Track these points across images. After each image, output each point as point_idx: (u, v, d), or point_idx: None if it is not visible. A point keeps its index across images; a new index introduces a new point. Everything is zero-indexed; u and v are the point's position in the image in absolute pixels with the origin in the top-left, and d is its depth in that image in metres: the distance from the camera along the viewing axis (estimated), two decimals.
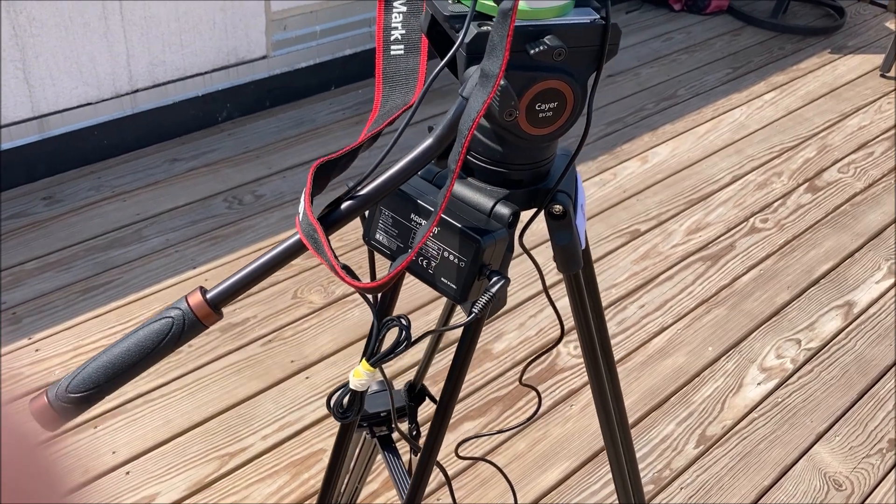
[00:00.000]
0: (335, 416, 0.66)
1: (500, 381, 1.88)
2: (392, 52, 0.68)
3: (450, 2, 0.60)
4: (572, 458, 1.73)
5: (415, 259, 0.63)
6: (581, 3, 0.60)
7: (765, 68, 3.41)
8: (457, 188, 0.66)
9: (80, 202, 2.33)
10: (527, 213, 0.69)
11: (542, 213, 0.67)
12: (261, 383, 1.85)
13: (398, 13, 0.65)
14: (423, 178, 0.66)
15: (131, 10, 2.33)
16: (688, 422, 1.84)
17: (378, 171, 0.58)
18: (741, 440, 1.81)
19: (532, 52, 0.56)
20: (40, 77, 2.25)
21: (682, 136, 2.90)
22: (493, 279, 0.60)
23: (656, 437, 1.80)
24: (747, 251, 2.37)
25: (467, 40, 0.56)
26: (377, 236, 0.65)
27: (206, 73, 2.59)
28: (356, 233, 1.56)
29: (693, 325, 2.10)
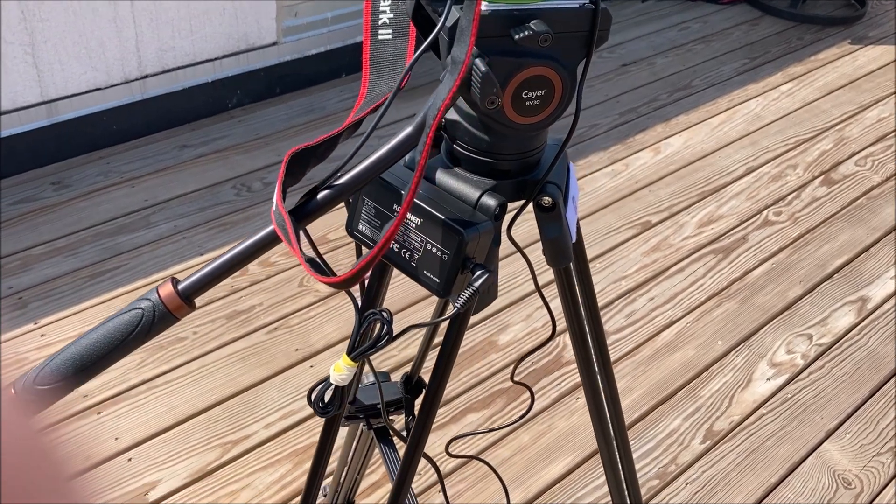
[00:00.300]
0: (316, 411, 0.64)
1: (504, 372, 1.87)
2: (380, 37, 0.66)
3: None
4: (577, 452, 1.71)
5: (397, 251, 0.62)
6: None
7: (782, 59, 3.35)
8: (442, 178, 0.64)
9: (89, 187, 2.33)
10: (515, 205, 0.67)
11: (531, 204, 0.65)
12: (265, 371, 1.84)
13: None
14: (408, 168, 0.64)
15: None
16: (695, 416, 1.81)
17: (356, 160, 0.57)
18: (749, 436, 1.78)
19: (517, 37, 0.54)
20: (49, 62, 2.25)
21: (695, 126, 2.86)
22: (477, 273, 0.58)
23: (662, 432, 1.78)
24: (760, 244, 2.34)
25: (449, 23, 0.54)
26: (360, 227, 0.63)
27: (216, 59, 2.58)
28: None
29: (703, 319, 2.07)
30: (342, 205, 0.60)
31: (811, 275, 2.24)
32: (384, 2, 0.65)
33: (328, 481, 1.54)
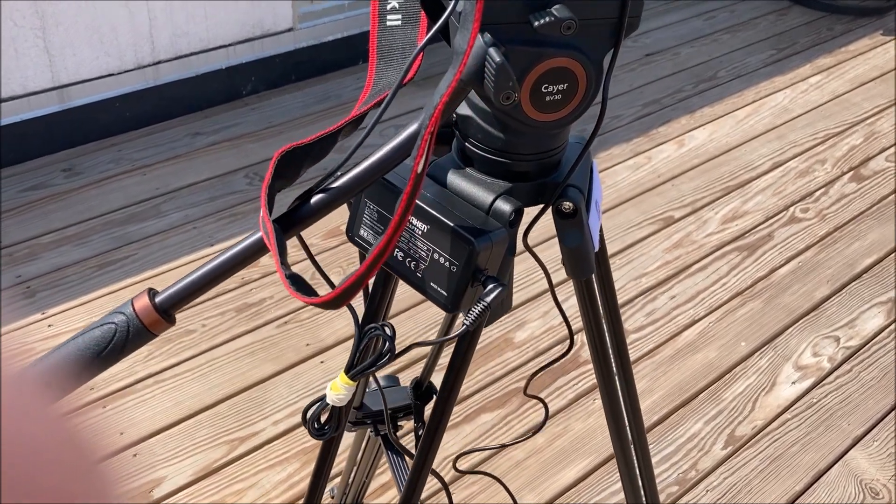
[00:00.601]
0: (311, 433, 0.59)
1: (520, 371, 1.81)
2: (388, 23, 0.60)
3: None
4: (593, 455, 1.66)
5: (401, 260, 0.56)
6: None
7: (811, 50, 3.26)
8: (452, 180, 0.58)
9: (100, 175, 2.29)
10: (533, 210, 0.61)
11: (550, 210, 0.59)
12: (275, 366, 1.80)
13: None
14: None
15: None
16: (716, 420, 1.75)
17: (357, 159, 0.51)
18: (772, 442, 1.72)
19: (536, 24, 0.48)
20: (60, 46, 2.21)
21: (720, 119, 2.78)
22: (489, 286, 0.52)
23: (683, 436, 1.72)
24: (786, 242, 2.26)
25: (459, 8, 0.48)
26: (361, 232, 0.58)
27: (230, 45, 2.53)
28: None
29: (726, 319, 2.00)
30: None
31: (839, 274, 2.16)
32: None
33: (336, 482, 1.49)
